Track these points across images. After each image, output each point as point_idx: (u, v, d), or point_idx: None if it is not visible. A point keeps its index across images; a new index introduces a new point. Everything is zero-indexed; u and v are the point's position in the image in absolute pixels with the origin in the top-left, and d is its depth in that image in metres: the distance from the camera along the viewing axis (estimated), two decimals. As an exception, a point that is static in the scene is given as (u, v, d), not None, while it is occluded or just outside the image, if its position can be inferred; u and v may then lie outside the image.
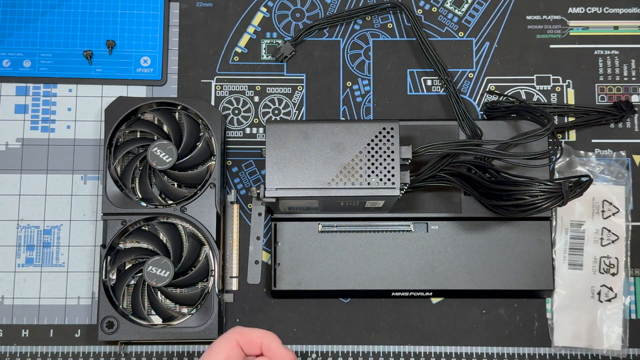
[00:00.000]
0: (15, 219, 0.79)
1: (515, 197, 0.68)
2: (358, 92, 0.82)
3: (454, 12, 0.83)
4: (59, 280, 0.78)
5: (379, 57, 0.82)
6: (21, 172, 0.80)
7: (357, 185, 0.66)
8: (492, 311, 0.77)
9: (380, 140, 0.66)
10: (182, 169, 0.76)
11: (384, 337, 0.77)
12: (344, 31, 0.83)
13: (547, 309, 0.77)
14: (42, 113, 0.81)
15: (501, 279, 0.75)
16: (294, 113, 0.81)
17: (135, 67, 0.82)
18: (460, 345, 0.77)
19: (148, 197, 0.76)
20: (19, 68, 0.82)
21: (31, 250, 0.79)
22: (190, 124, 0.77)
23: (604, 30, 0.83)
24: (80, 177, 0.80)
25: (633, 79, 0.82)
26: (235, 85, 0.82)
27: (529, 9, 0.83)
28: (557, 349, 0.76)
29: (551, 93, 0.81)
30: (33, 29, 0.82)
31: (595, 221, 0.78)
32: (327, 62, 0.82)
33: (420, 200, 0.76)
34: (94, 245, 0.78)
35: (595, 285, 0.77)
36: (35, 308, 0.78)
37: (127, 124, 0.77)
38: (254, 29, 0.83)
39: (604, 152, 0.80)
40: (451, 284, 0.75)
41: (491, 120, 0.77)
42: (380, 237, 0.76)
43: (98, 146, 0.80)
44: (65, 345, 0.77)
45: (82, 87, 0.82)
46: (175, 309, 0.76)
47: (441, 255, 0.76)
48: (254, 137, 0.81)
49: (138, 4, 0.83)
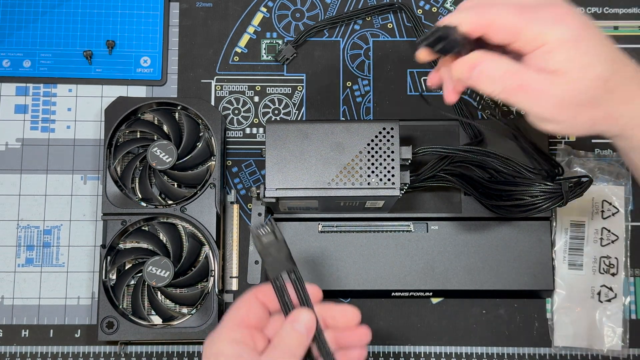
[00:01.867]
0: (15, 219, 0.79)
1: (515, 197, 0.68)
2: (358, 92, 0.82)
3: (454, 12, 0.83)
4: (59, 281, 0.78)
5: (379, 57, 0.82)
6: (21, 172, 0.80)
7: (357, 185, 0.66)
8: (492, 311, 0.77)
9: (380, 140, 0.66)
10: (182, 169, 0.76)
11: (384, 337, 0.77)
12: (344, 31, 0.83)
13: (547, 309, 0.77)
14: (42, 113, 0.81)
15: (501, 279, 0.75)
16: (294, 113, 0.81)
17: (135, 67, 0.82)
18: (460, 346, 0.77)
19: (148, 197, 0.76)
20: (18, 68, 0.82)
21: (31, 251, 0.79)
22: (190, 124, 0.77)
23: (604, 31, 0.82)
24: (80, 177, 0.80)
25: (633, 79, 0.82)
26: (235, 85, 0.82)
27: (529, 9, 0.83)
28: (557, 349, 0.76)
29: (551, 93, 0.81)
30: (33, 29, 0.82)
31: (595, 221, 0.78)
32: (327, 62, 0.82)
33: (420, 200, 0.76)
34: (93, 245, 0.78)
35: (595, 285, 0.77)
36: (35, 308, 0.77)
37: (127, 124, 0.77)
38: (254, 29, 0.83)
39: (604, 152, 0.80)
40: (451, 284, 0.75)
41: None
42: (380, 237, 0.76)
43: (98, 146, 0.80)
44: (65, 346, 0.77)
45: (82, 87, 0.82)
46: (175, 309, 0.76)
47: (441, 255, 0.76)
48: (254, 137, 0.81)
49: (138, 4, 0.83)
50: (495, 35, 0.53)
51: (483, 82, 0.53)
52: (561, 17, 0.52)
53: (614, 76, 0.53)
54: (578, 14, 0.53)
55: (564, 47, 0.52)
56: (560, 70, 0.52)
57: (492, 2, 0.54)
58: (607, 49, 0.53)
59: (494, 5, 0.53)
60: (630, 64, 0.55)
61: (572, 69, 0.52)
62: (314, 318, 0.53)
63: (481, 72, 0.53)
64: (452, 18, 0.53)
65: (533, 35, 0.52)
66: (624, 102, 0.54)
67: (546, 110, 0.53)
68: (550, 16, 0.52)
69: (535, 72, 0.52)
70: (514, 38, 0.53)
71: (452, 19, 0.53)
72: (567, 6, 0.53)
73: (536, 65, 0.53)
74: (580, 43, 0.52)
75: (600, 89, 0.53)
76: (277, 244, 0.54)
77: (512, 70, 0.53)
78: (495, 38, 0.53)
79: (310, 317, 0.53)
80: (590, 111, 0.53)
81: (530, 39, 0.52)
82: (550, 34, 0.52)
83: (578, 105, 0.53)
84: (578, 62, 0.52)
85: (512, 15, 0.52)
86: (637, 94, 0.54)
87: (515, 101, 0.53)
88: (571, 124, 0.54)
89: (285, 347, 0.52)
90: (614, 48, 0.54)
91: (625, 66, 0.54)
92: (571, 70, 0.52)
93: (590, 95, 0.52)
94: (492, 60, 0.53)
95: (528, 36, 0.52)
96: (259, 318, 0.55)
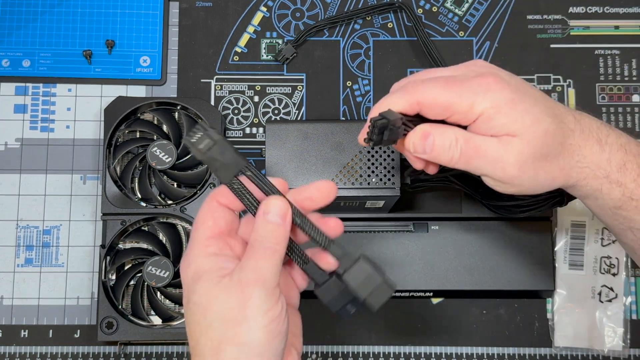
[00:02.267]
0: (14, 219, 0.79)
1: (515, 197, 0.68)
2: (358, 92, 0.81)
3: (455, 11, 0.83)
4: (58, 281, 0.78)
5: (379, 56, 0.82)
6: (20, 172, 0.80)
7: (357, 185, 0.66)
8: (493, 311, 0.77)
9: (381, 140, 0.66)
10: (181, 168, 0.76)
11: (384, 337, 0.77)
12: (344, 31, 0.83)
13: (548, 309, 0.77)
14: (42, 113, 0.81)
15: (501, 279, 0.75)
16: (294, 113, 0.81)
17: (134, 67, 0.82)
18: (461, 346, 0.77)
19: (148, 197, 0.76)
20: (18, 68, 0.81)
21: (30, 251, 0.78)
22: (189, 123, 0.77)
23: (605, 30, 0.83)
24: (80, 177, 0.80)
25: (634, 78, 0.81)
26: (235, 85, 0.82)
27: (530, 9, 0.83)
28: (558, 350, 0.76)
29: (552, 93, 0.81)
30: (32, 28, 0.82)
31: (596, 221, 0.78)
32: (327, 62, 0.82)
33: (421, 200, 0.76)
34: (93, 245, 0.78)
35: (595, 285, 0.77)
36: (34, 308, 0.77)
37: (127, 124, 0.77)
38: (253, 28, 0.83)
39: (605, 152, 0.80)
40: (451, 284, 0.75)
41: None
42: (380, 237, 0.76)
43: (97, 146, 0.80)
44: (65, 346, 0.77)
45: (81, 86, 0.81)
46: (175, 309, 0.76)
47: (441, 256, 0.75)
48: (253, 137, 0.81)
49: (138, 4, 0.83)
50: (429, 112, 0.53)
51: (439, 153, 0.53)
52: (491, 85, 0.52)
53: (559, 129, 0.53)
54: (508, 78, 0.53)
55: (502, 112, 0.51)
56: (508, 133, 0.52)
57: (422, 79, 0.54)
58: (545, 104, 0.53)
59: (422, 83, 0.53)
60: (569, 114, 0.55)
61: (519, 130, 0.51)
62: (285, 203, 0.48)
63: (434, 144, 0.53)
64: (385, 103, 0.53)
65: (466, 108, 0.52)
66: (571, 154, 0.54)
67: (508, 173, 0.52)
68: (480, 86, 0.52)
69: (487, 137, 0.52)
70: (449, 113, 0.52)
71: (384, 104, 0.53)
72: (496, 73, 0.53)
73: (484, 133, 0.52)
74: (517, 105, 0.52)
75: (551, 143, 0.52)
76: (217, 145, 0.48)
77: (464, 137, 0.52)
78: (430, 114, 0.53)
79: (280, 203, 0.48)
80: (548, 167, 0.53)
81: (465, 111, 0.52)
82: (483, 103, 0.51)
83: (535, 162, 0.52)
84: (522, 123, 0.51)
85: (440, 92, 0.52)
86: (581, 144, 0.54)
87: (476, 167, 0.53)
88: (533, 183, 0.54)
89: (264, 243, 0.47)
90: (551, 102, 0.54)
91: (565, 118, 0.54)
92: (519, 131, 0.51)
93: (545, 151, 0.52)
94: (441, 129, 0.53)
95: (462, 109, 0.52)
96: (228, 223, 0.51)
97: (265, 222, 0.48)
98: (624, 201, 0.55)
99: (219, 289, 0.47)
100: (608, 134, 0.55)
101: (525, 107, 0.52)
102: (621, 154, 0.55)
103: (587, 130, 0.55)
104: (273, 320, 0.47)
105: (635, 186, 0.54)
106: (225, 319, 0.47)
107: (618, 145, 0.55)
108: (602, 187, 0.55)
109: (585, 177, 0.54)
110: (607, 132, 0.55)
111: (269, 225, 0.48)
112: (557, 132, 0.53)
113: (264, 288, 0.47)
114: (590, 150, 0.54)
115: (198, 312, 0.48)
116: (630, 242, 0.58)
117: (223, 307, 0.47)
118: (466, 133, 0.53)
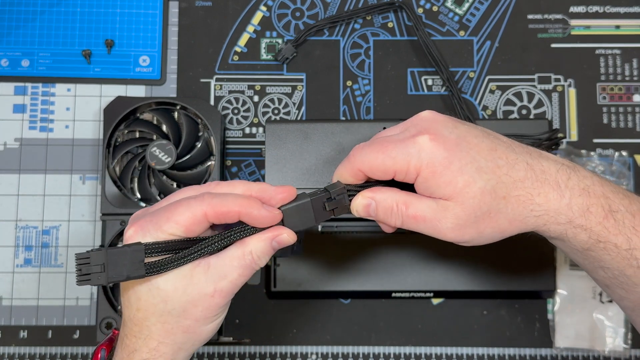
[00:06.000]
0: (13, 219, 0.79)
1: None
2: (358, 91, 0.81)
3: (455, 11, 0.83)
4: (57, 281, 0.78)
5: (380, 56, 0.82)
6: (19, 172, 0.79)
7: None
8: (493, 312, 0.77)
9: (381, 140, 0.66)
10: (181, 169, 0.76)
11: (385, 338, 0.77)
12: (344, 30, 0.82)
13: (549, 310, 0.77)
14: (41, 113, 0.81)
15: (502, 280, 0.75)
16: (294, 113, 0.81)
17: (134, 67, 0.82)
18: (461, 346, 0.77)
19: (147, 197, 0.76)
20: (17, 67, 0.81)
21: (29, 251, 0.78)
22: (189, 123, 0.77)
23: (606, 30, 0.83)
24: (79, 177, 0.80)
25: (635, 78, 0.81)
26: (235, 84, 0.81)
27: (530, 8, 0.83)
28: (559, 350, 0.76)
29: (552, 92, 0.81)
30: (31, 28, 0.82)
31: (597, 221, 0.78)
32: (327, 62, 0.82)
33: (421, 200, 0.76)
34: (92, 245, 0.78)
35: (596, 285, 0.76)
36: (33, 309, 0.77)
37: (126, 124, 0.77)
38: (253, 28, 0.83)
39: (606, 151, 0.80)
40: (452, 285, 0.75)
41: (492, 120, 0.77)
42: (380, 238, 0.76)
43: (97, 146, 0.80)
44: (64, 347, 0.76)
45: (80, 86, 0.81)
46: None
47: (442, 256, 0.75)
48: (253, 137, 0.81)
49: (137, 3, 0.83)
50: (373, 176, 0.53)
51: (383, 217, 0.53)
52: (425, 144, 0.51)
53: (500, 184, 0.51)
54: (447, 132, 0.51)
55: (436, 173, 0.50)
56: (442, 197, 0.51)
57: (362, 145, 0.54)
58: (485, 157, 0.51)
59: (361, 150, 0.53)
60: (520, 162, 0.52)
61: (452, 193, 0.50)
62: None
63: (377, 209, 0.53)
64: (334, 175, 0.55)
65: (404, 169, 0.51)
66: (521, 204, 0.51)
67: (449, 237, 0.52)
68: (415, 146, 0.51)
69: (426, 200, 0.52)
70: (390, 174, 0.52)
71: (335, 175, 0.54)
72: (435, 129, 0.52)
73: (424, 194, 0.52)
74: (452, 164, 0.50)
75: (490, 201, 0.51)
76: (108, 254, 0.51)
77: (403, 201, 0.52)
78: (376, 177, 0.53)
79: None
80: (493, 222, 0.52)
81: (404, 172, 0.51)
82: (418, 163, 0.50)
83: (476, 222, 0.51)
84: (455, 184, 0.50)
85: (375, 156, 0.52)
86: (533, 193, 0.51)
87: (419, 230, 0.52)
88: (480, 239, 0.53)
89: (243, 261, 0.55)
90: (498, 152, 0.52)
91: (513, 168, 0.51)
92: (453, 194, 0.50)
93: (485, 209, 0.51)
94: (381, 194, 0.53)
95: (401, 170, 0.51)
96: (201, 229, 0.52)
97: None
98: (592, 243, 0.52)
99: (188, 281, 0.51)
100: (569, 177, 0.52)
101: (460, 165, 0.50)
102: (583, 198, 0.51)
103: (541, 177, 0.51)
104: (220, 319, 0.54)
105: (601, 229, 0.52)
106: (186, 311, 0.51)
107: (580, 189, 0.52)
108: (567, 231, 0.52)
109: (545, 223, 0.52)
110: (568, 175, 0.52)
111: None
112: (497, 188, 0.51)
113: (232, 289, 0.53)
114: (546, 198, 0.51)
115: (159, 296, 0.51)
116: (602, 279, 0.56)
117: (187, 301, 0.51)
118: (408, 197, 0.52)
